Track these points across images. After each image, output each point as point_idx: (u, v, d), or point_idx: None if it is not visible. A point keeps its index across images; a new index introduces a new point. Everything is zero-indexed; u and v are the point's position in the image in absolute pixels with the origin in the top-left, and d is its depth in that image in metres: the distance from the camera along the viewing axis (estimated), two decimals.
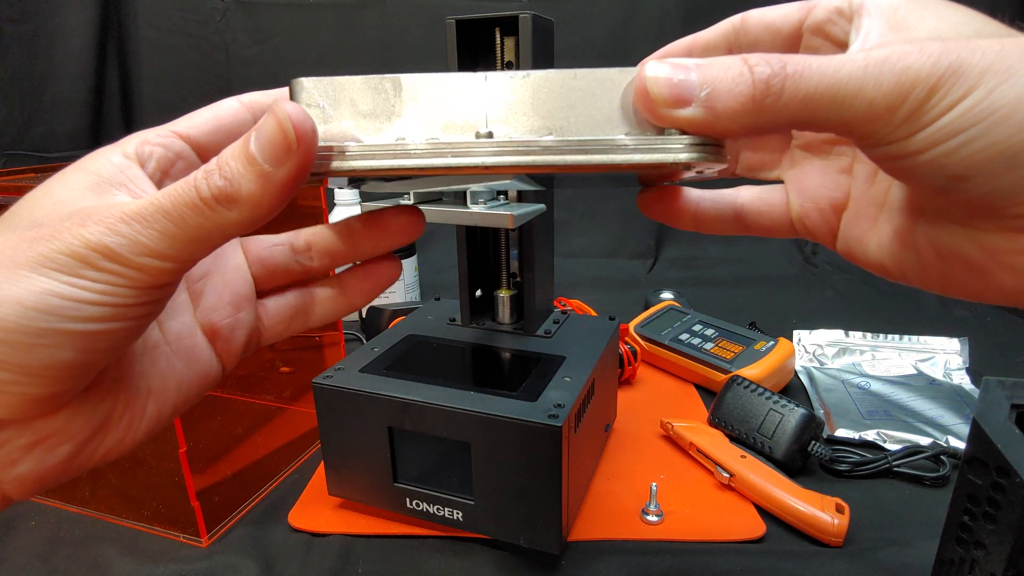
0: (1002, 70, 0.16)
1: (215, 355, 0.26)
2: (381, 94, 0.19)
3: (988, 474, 0.31)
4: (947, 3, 0.19)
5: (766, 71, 0.16)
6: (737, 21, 0.25)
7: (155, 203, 0.19)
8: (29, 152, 1.08)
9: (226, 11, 1.17)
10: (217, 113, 0.26)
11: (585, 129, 0.18)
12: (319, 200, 0.59)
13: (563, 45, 1.09)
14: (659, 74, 0.17)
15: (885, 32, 0.19)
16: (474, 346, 0.53)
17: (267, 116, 0.19)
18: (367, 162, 0.19)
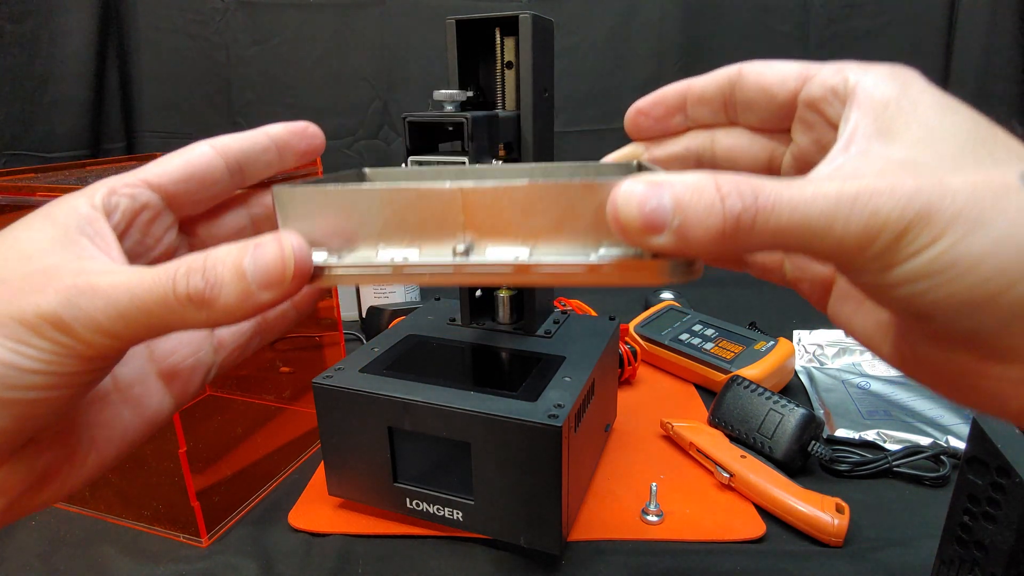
0: (971, 219, 0.16)
1: (168, 396, 0.25)
2: (360, 204, 0.19)
3: (988, 474, 0.31)
4: (939, 101, 0.19)
5: (737, 205, 0.16)
6: (734, 73, 0.24)
7: (125, 284, 0.19)
8: (29, 152, 1.08)
9: (226, 11, 1.17)
10: (188, 159, 0.25)
11: (563, 239, 0.18)
12: None
13: (563, 45, 1.09)
14: (630, 201, 0.17)
15: (871, 135, 0.18)
16: (474, 346, 0.53)
17: (272, 241, 0.19)
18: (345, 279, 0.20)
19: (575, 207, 0.18)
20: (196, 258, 0.19)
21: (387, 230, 0.19)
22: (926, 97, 0.19)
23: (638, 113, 0.27)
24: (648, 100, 0.27)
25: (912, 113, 0.18)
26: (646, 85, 1.22)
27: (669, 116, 0.27)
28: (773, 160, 0.25)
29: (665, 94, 0.26)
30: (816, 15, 1.12)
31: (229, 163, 0.26)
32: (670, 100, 0.26)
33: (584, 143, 1.20)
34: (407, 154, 0.45)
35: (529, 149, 0.50)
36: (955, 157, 0.17)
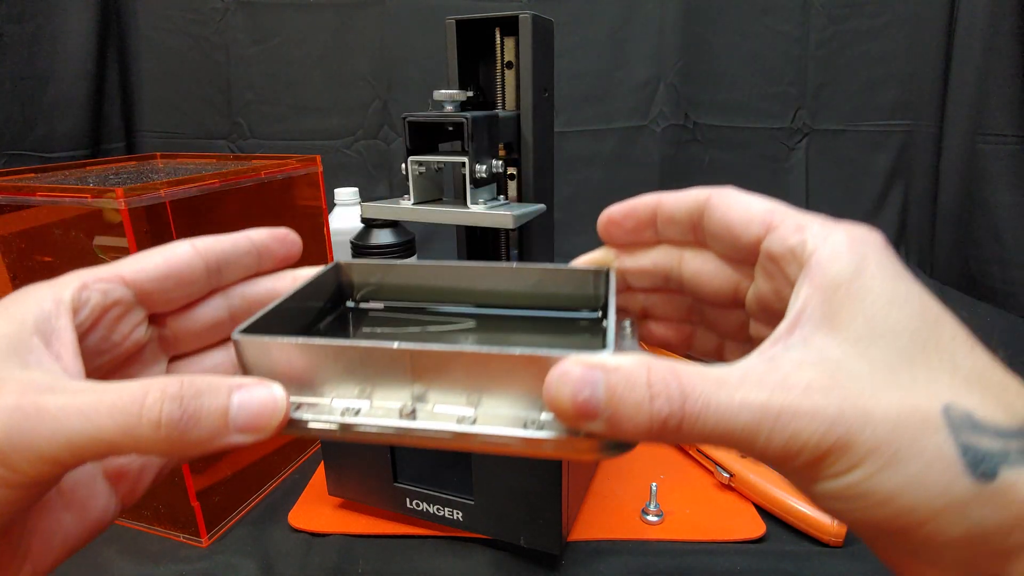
0: (887, 455, 0.16)
1: (115, 498, 0.23)
2: (316, 358, 0.20)
3: None
4: (889, 290, 0.19)
5: (664, 409, 0.17)
6: (703, 199, 0.24)
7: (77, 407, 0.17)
8: (29, 152, 1.08)
9: (226, 11, 1.17)
10: (168, 258, 0.24)
11: (507, 400, 0.19)
12: (319, 200, 0.59)
13: (563, 45, 1.09)
14: (564, 390, 0.17)
15: (817, 321, 0.18)
16: None
17: (262, 387, 0.19)
18: (299, 432, 0.20)
19: (518, 375, 0.19)
20: (171, 384, 0.18)
21: (340, 382, 0.20)
22: (876, 283, 0.18)
23: (610, 222, 0.27)
24: (620, 211, 0.26)
25: (860, 303, 0.18)
26: (646, 85, 1.23)
27: (640, 230, 0.27)
28: (738, 291, 0.24)
29: (636, 207, 0.26)
30: (816, 15, 1.12)
31: (208, 264, 0.26)
32: (641, 214, 0.26)
33: (584, 143, 1.20)
34: (407, 154, 0.45)
35: (529, 149, 0.50)
36: (890, 368, 0.17)
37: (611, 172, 1.21)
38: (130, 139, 1.22)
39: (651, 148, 1.19)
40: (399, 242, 0.85)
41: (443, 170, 0.48)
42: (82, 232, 0.51)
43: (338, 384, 0.20)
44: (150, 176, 0.52)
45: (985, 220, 0.99)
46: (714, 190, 0.24)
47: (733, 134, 1.19)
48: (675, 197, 0.25)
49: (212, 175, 0.48)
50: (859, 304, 0.18)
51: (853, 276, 0.19)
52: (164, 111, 1.22)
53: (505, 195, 0.53)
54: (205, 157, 0.66)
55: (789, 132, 1.19)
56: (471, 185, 0.44)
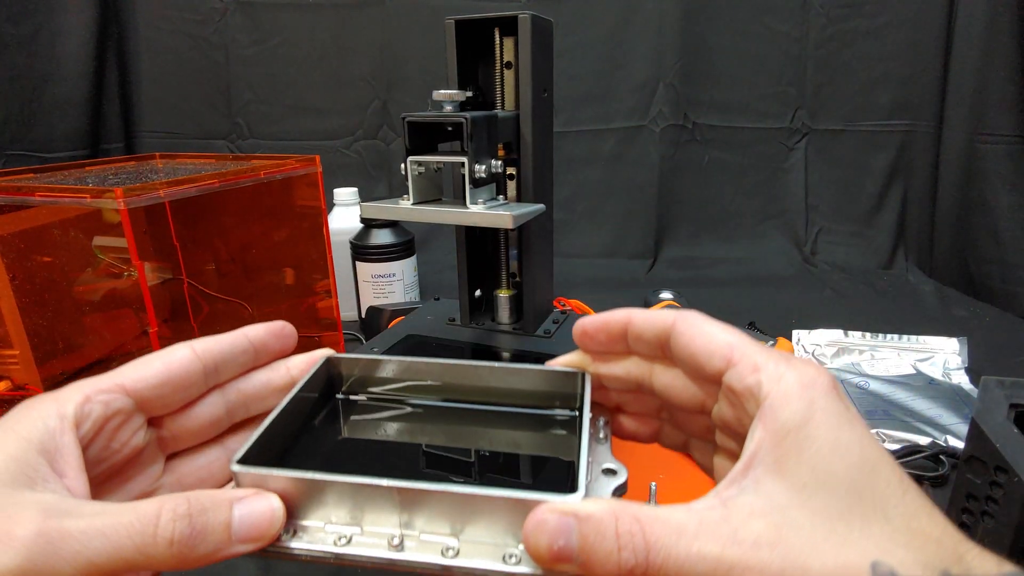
0: None
1: None
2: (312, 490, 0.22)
3: (986, 473, 0.31)
4: (832, 439, 0.20)
5: (631, 560, 0.19)
6: (669, 325, 0.26)
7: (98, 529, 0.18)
8: (29, 152, 1.08)
9: (225, 11, 1.17)
10: (168, 364, 0.25)
11: (489, 534, 0.21)
12: (318, 200, 0.59)
13: (563, 45, 1.09)
14: (541, 537, 0.19)
15: (768, 466, 0.20)
16: (473, 346, 0.53)
17: (262, 500, 0.21)
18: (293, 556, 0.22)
19: (498, 513, 0.21)
20: (180, 503, 0.20)
21: (334, 508, 0.22)
22: (822, 432, 0.20)
23: (583, 334, 0.28)
24: (594, 325, 0.28)
25: (806, 451, 0.20)
26: (645, 85, 1.23)
27: (612, 343, 0.28)
28: (705, 405, 0.26)
29: (608, 322, 0.28)
30: (816, 15, 1.12)
31: (206, 366, 0.26)
32: (613, 329, 0.28)
33: (583, 143, 1.20)
34: (406, 154, 0.45)
35: (528, 149, 0.50)
36: (829, 518, 0.19)
37: (610, 172, 1.21)
38: (129, 139, 1.22)
39: (650, 148, 1.19)
40: (398, 242, 0.85)
41: (442, 170, 0.48)
42: (81, 232, 0.51)
43: (332, 510, 0.22)
44: (149, 176, 0.52)
45: (984, 220, 0.99)
46: (679, 316, 0.26)
47: (732, 134, 1.19)
48: (644, 318, 0.27)
49: (211, 175, 0.48)
50: (805, 452, 0.20)
51: (801, 423, 0.21)
52: (163, 111, 1.22)
53: (504, 195, 0.53)
54: (204, 157, 0.66)
55: (788, 132, 1.19)
56: (470, 185, 0.44)
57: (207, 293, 0.67)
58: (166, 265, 0.65)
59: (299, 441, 0.29)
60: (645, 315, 0.27)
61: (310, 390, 0.30)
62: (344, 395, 0.32)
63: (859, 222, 1.19)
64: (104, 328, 0.57)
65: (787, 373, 0.22)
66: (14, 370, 0.54)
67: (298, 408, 0.29)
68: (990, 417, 0.32)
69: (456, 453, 0.30)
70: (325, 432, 0.30)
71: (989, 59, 0.97)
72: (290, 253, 0.65)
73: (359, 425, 0.31)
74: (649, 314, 0.27)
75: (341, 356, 0.31)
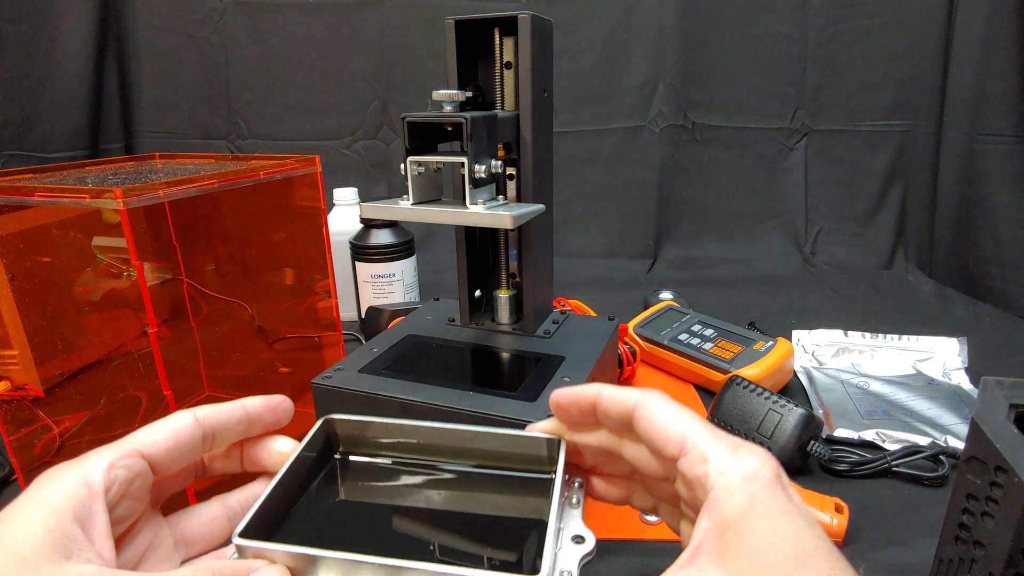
0: None
1: None
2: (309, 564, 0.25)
3: (987, 473, 0.31)
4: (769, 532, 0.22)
5: None
6: (631, 407, 0.28)
7: None
8: (28, 152, 1.08)
9: (225, 11, 1.17)
10: (176, 430, 0.28)
11: None
12: (318, 201, 0.59)
13: (562, 45, 1.09)
14: None
15: (711, 554, 0.22)
16: (473, 346, 0.53)
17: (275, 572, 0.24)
18: None
19: None
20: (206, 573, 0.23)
21: None
22: (761, 525, 0.22)
23: (557, 407, 0.31)
24: (566, 399, 0.30)
25: (746, 543, 0.22)
26: (645, 85, 1.23)
27: (583, 416, 0.30)
28: (670, 475, 0.27)
29: (579, 398, 0.30)
30: (815, 15, 1.12)
31: (205, 433, 0.29)
32: (583, 404, 0.30)
33: (583, 143, 1.20)
34: (406, 154, 0.45)
35: (528, 149, 0.50)
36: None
37: (610, 172, 1.21)
38: (129, 139, 1.22)
39: (650, 148, 1.19)
40: (398, 242, 0.85)
41: (442, 170, 0.48)
42: (81, 232, 0.51)
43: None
44: (149, 176, 0.52)
45: (984, 220, 0.99)
46: (641, 399, 0.28)
47: (732, 134, 1.19)
48: (610, 397, 0.29)
49: (211, 175, 0.48)
50: (745, 544, 0.22)
51: (742, 516, 0.23)
52: (163, 111, 1.22)
53: (504, 195, 0.53)
54: (204, 157, 0.66)
55: (788, 132, 1.19)
56: (470, 185, 0.44)
57: (207, 293, 0.67)
58: (165, 265, 0.65)
59: (299, 505, 0.31)
60: (611, 394, 0.29)
61: (310, 450, 0.33)
62: (342, 454, 0.35)
63: (859, 222, 1.19)
64: (103, 328, 0.57)
65: (732, 466, 0.24)
66: (13, 370, 0.54)
67: (298, 469, 0.32)
68: (990, 417, 0.32)
69: (442, 519, 0.33)
70: (323, 494, 0.33)
71: (989, 59, 0.97)
72: (290, 253, 0.65)
73: (354, 488, 0.34)
74: (615, 393, 0.29)
75: (339, 418, 0.35)
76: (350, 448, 0.36)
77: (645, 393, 0.28)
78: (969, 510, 0.32)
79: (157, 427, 0.28)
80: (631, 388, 0.29)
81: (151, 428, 0.28)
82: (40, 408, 0.54)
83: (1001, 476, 0.30)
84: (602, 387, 0.30)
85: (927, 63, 1.09)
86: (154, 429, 0.28)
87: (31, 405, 0.54)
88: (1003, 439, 0.30)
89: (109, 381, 0.57)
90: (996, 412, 0.32)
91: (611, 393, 0.29)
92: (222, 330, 0.69)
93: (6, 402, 0.53)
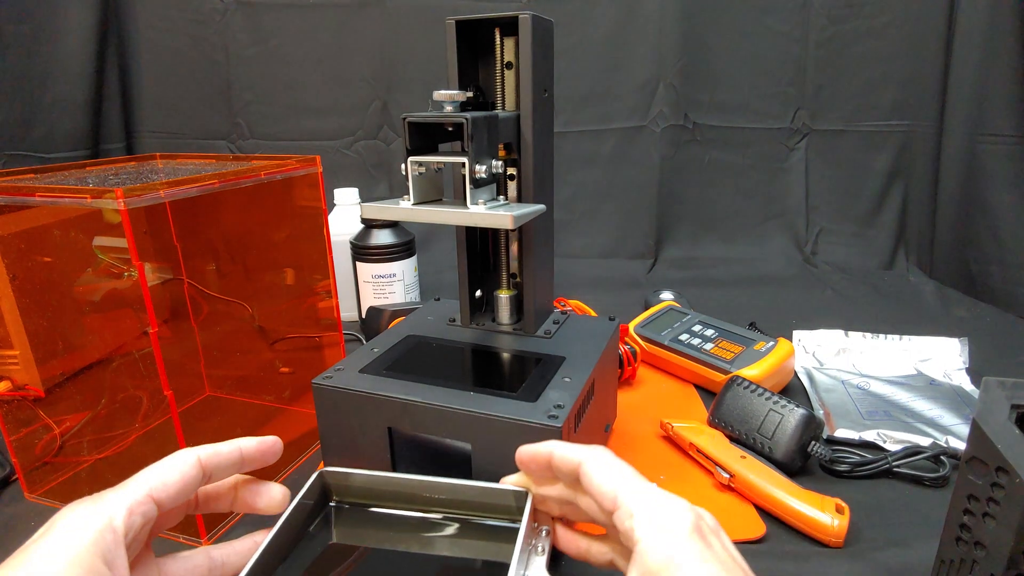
0: None
1: None
2: None
3: (988, 474, 0.31)
4: None
5: None
6: (576, 465, 0.32)
7: None
8: (29, 153, 1.08)
9: (226, 11, 1.17)
10: (183, 473, 0.31)
11: None
12: (319, 201, 0.59)
13: (563, 45, 1.09)
14: None
15: None
16: (474, 346, 0.53)
17: None
18: None
19: None
20: None
21: None
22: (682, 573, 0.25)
23: (520, 462, 0.35)
24: (526, 455, 0.35)
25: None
26: (645, 85, 1.23)
27: (542, 471, 0.35)
28: (614, 527, 0.30)
29: (536, 455, 0.34)
30: (816, 15, 1.12)
31: (205, 471, 0.33)
32: (540, 460, 0.34)
33: (584, 143, 1.20)
34: (407, 154, 0.45)
35: (528, 149, 0.50)
36: None
37: (611, 172, 1.21)
38: (130, 139, 1.22)
39: (651, 148, 1.19)
40: (399, 243, 0.85)
41: (443, 170, 0.48)
42: (82, 232, 0.51)
43: None
44: (150, 176, 0.52)
45: (985, 220, 0.99)
46: (585, 458, 0.32)
47: (733, 134, 1.19)
48: (560, 455, 0.33)
49: (212, 175, 0.48)
50: None
51: (663, 567, 0.26)
52: (164, 111, 1.22)
53: (505, 195, 0.53)
54: (205, 157, 0.66)
55: (789, 132, 1.19)
56: (471, 185, 0.44)
57: (207, 293, 0.67)
58: (166, 265, 0.65)
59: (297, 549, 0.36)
60: (562, 452, 0.33)
61: (307, 499, 0.38)
62: (337, 502, 0.41)
63: (860, 222, 1.19)
64: (104, 328, 0.57)
65: (654, 520, 0.27)
66: (14, 370, 0.54)
67: (296, 516, 0.37)
68: (991, 418, 0.32)
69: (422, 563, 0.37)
70: (318, 539, 0.38)
71: (989, 59, 0.97)
72: (290, 253, 0.65)
73: (345, 533, 0.39)
74: (565, 451, 0.33)
75: (333, 471, 0.40)
76: (343, 497, 0.41)
77: (591, 451, 0.32)
78: (970, 511, 0.32)
79: (166, 469, 0.31)
80: (581, 446, 0.33)
81: (160, 470, 0.31)
82: (41, 408, 0.54)
83: (1002, 477, 0.30)
84: (555, 445, 0.34)
85: (928, 63, 1.09)
86: (163, 471, 0.31)
87: (32, 405, 0.54)
88: (1004, 440, 0.30)
89: (110, 381, 0.57)
90: (997, 412, 0.32)
91: (561, 451, 0.33)
92: (223, 330, 0.69)
93: (7, 402, 0.53)
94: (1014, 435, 0.30)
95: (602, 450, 0.33)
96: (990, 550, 0.31)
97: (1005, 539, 0.30)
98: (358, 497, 0.40)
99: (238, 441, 0.35)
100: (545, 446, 0.34)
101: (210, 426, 0.64)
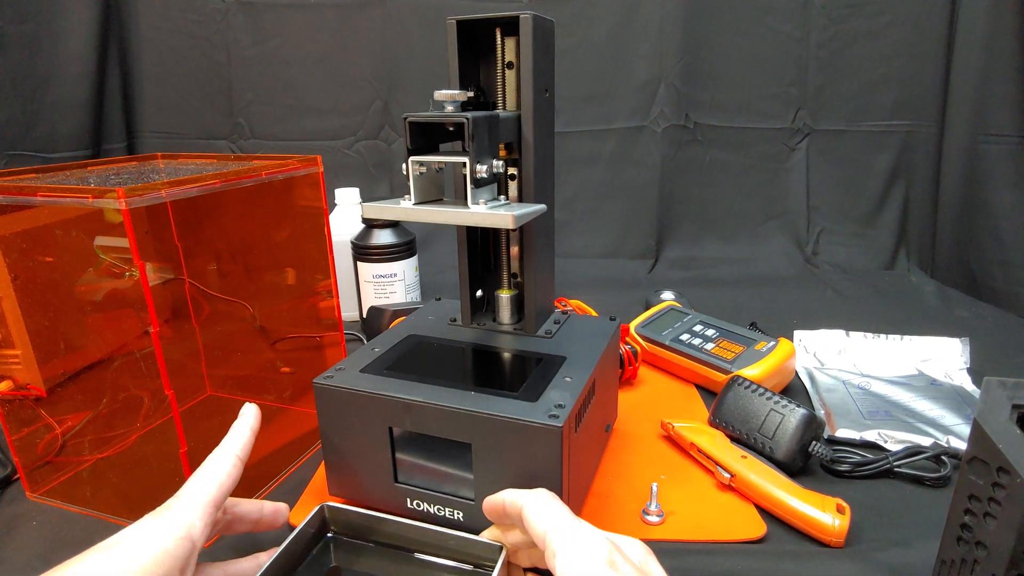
0: None
1: None
2: None
3: (989, 474, 0.31)
4: None
5: None
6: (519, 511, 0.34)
7: None
8: (30, 153, 1.08)
9: (226, 11, 1.17)
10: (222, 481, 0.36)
11: None
12: (320, 201, 0.59)
13: (563, 45, 1.09)
14: None
15: None
16: (475, 346, 0.53)
17: None
18: None
19: None
20: None
21: None
22: None
23: (485, 512, 0.38)
24: (488, 505, 0.38)
25: None
26: (646, 85, 1.23)
27: (500, 519, 0.38)
28: None
29: (493, 504, 0.37)
30: (816, 15, 1.12)
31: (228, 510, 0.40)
32: (497, 509, 0.37)
33: (584, 143, 1.20)
34: (408, 154, 0.45)
35: (529, 149, 0.50)
36: None
37: (612, 172, 1.21)
38: (131, 139, 1.22)
39: (652, 148, 1.19)
40: (400, 242, 0.85)
41: (444, 170, 0.48)
42: (83, 232, 0.51)
43: None
44: (151, 176, 0.52)
45: (986, 220, 0.99)
46: (526, 503, 0.34)
47: (734, 134, 1.19)
48: (510, 502, 0.35)
49: (213, 175, 0.48)
50: None
51: None
52: (165, 111, 1.22)
53: (506, 195, 0.53)
54: (206, 157, 0.66)
55: (790, 132, 1.19)
56: (472, 185, 0.44)
57: (208, 293, 0.67)
58: (168, 265, 0.65)
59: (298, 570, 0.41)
60: (511, 498, 0.35)
61: (308, 528, 0.42)
62: (335, 534, 0.44)
63: (861, 222, 1.19)
64: (105, 328, 0.57)
65: (569, 556, 0.30)
66: (16, 370, 0.54)
67: (296, 545, 0.41)
68: (992, 418, 0.32)
69: None
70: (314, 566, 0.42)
71: (991, 59, 0.97)
72: (292, 253, 0.65)
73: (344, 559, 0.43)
74: (514, 497, 0.35)
75: (332, 506, 0.44)
76: (340, 530, 0.44)
77: (530, 495, 0.34)
78: (971, 511, 0.32)
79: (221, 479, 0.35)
80: (524, 492, 0.35)
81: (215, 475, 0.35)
82: (42, 407, 0.55)
83: (1003, 477, 0.30)
84: (507, 493, 0.36)
85: (929, 63, 1.09)
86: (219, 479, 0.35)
87: (33, 404, 0.54)
88: (1005, 440, 0.30)
89: (111, 381, 0.57)
90: (998, 412, 0.32)
91: (511, 498, 0.35)
92: (224, 330, 0.69)
93: (8, 401, 0.53)
94: (1015, 435, 0.30)
95: (542, 493, 0.35)
96: (991, 550, 0.31)
97: (1006, 539, 0.30)
98: (354, 531, 0.44)
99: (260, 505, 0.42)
100: (500, 495, 0.36)
101: (211, 426, 0.64)
